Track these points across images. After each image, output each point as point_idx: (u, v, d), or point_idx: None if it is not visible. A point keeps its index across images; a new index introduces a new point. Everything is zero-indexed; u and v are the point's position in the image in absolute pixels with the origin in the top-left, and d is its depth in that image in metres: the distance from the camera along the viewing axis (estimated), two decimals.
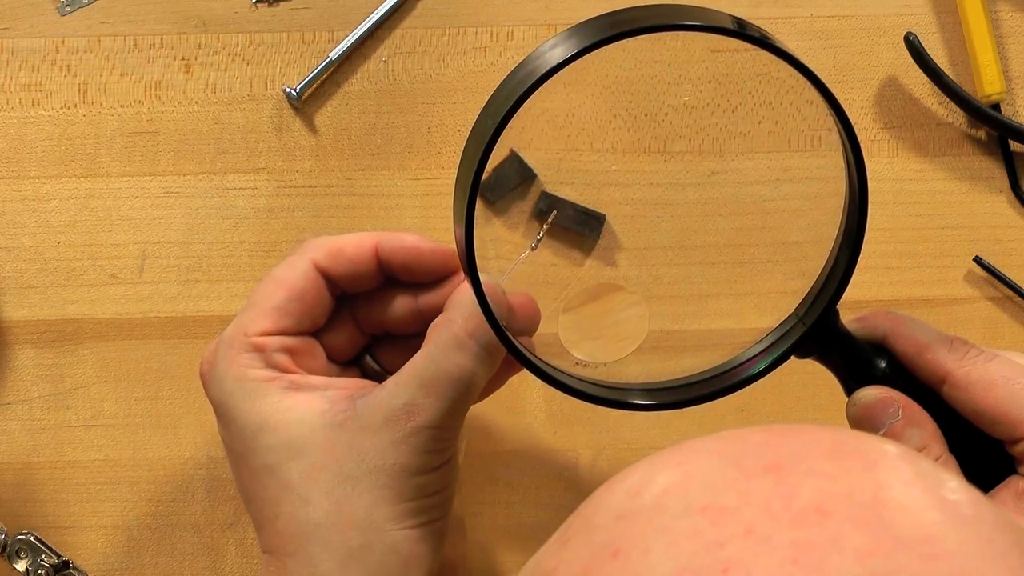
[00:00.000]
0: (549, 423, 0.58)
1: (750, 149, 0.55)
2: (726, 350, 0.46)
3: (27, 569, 0.56)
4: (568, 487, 0.57)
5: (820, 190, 0.52)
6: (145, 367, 0.58)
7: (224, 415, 0.46)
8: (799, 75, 0.41)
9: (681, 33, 0.39)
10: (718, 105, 0.53)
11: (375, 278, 0.48)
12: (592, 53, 0.39)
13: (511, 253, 0.55)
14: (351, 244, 0.47)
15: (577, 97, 0.52)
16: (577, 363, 0.50)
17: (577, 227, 0.52)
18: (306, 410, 0.44)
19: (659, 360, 0.53)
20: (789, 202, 0.53)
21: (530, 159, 0.52)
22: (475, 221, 0.41)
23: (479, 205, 0.48)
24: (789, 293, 0.46)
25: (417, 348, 0.47)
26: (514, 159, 0.52)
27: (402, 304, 0.49)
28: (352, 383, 0.47)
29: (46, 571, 0.56)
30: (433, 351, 0.45)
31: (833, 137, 0.42)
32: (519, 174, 0.51)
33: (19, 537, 0.56)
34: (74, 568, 0.57)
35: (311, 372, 0.47)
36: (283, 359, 0.46)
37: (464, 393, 0.45)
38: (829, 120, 0.42)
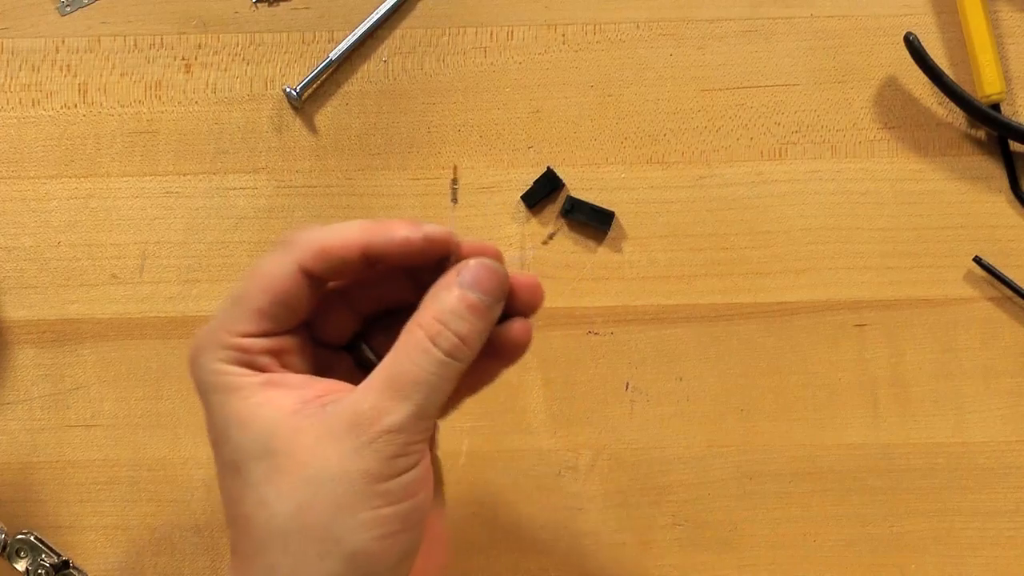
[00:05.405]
0: (549, 423, 0.58)
1: (731, 159, 0.60)
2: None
3: (27, 569, 0.56)
4: (568, 487, 0.57)
5: (786, 190, 0.60)
6: (145, 367, 0.58)
7: (204, 407, 0.44)
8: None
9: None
10: (705, 127, 0.60)
11: (365, 269, 0.46)
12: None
13: (539, 244, 0.60)
14: (337, 243, 0.45)
15: (597, 127, 0.61)
16: None
17: (592, 222, 0.59)
18: (277, 408, 0.43)
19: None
20: (762, 200, 0.60)
21: (561, 172, 0.60)
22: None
23: (523, 208, 0.60)
24: (763, 274, 0.59)
25: None
26: (549, 173, 0.59)
27: (399, 284, 0.47)
28: (330, 383, 0.45)
29: (46, 571, 0.56)
30: (398, 353, 0.43)
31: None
32: (552, 184, 0.60)
33: (19, 537, 0.56)
34: (74, 568, 0.57)
35: (294, 370, 0.46)
36: (265, 360, 0.45)
37: (430, 396, 0.43)
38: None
